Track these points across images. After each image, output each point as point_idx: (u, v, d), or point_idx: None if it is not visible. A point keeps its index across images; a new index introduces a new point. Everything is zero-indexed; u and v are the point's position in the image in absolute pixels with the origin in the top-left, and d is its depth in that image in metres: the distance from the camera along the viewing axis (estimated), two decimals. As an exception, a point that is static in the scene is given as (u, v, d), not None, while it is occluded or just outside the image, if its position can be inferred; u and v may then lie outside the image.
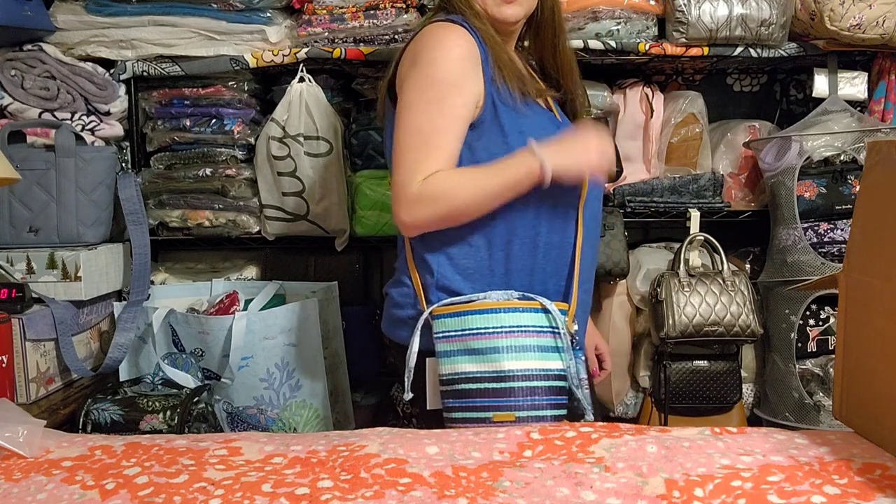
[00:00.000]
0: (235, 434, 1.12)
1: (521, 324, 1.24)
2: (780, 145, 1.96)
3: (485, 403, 1.23)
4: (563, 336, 1.25)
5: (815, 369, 1.98)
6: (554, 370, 1.25)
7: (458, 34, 1.29)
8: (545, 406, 1.23)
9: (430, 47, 1.27)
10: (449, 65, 1.26)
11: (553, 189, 1.24)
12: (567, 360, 1.25)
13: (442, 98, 1.25)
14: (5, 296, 1.59)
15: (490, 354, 1.23)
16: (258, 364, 1.79)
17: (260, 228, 2.03)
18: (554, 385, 1.25)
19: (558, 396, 1.25)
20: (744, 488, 0.89)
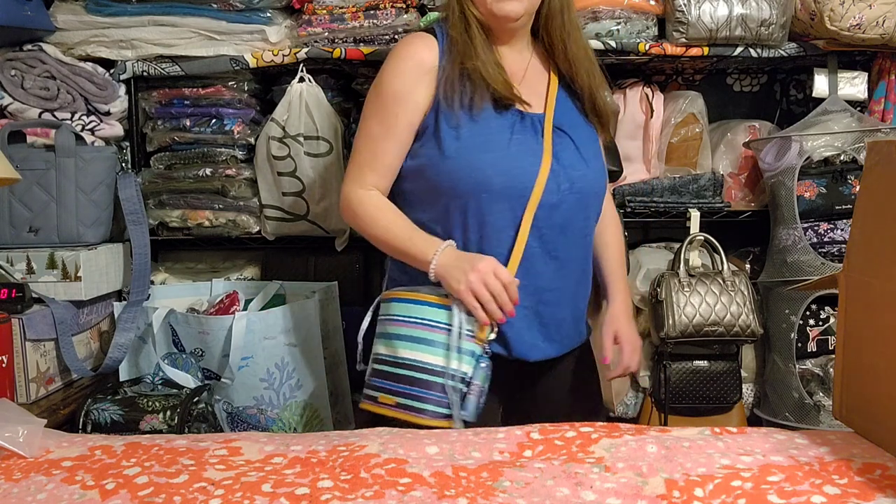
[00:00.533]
0: (235, 434, 1.12)
1: (425, 317, 1.28)
2: (780, 145, 1.96)
3: (377, 384, 1.32)
4: (455, 336, 1.26)
5: (815, 369, 1.98)
6: (438, 367, 1.26)
7: (413, 45, 1.36)
8: (425, 399, 1.26)
9: (386, 60, 1.38)
10: (394, 77, 1.35)
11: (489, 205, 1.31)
12: (452, 360, 1.26)
13: (386, 109, 1.35)
14: (5, 296, 1.59)
15: (394, 340, 1.30)
16: (258, 364, 1.79)
17: (260, 228, 2.03)
18: (435, 381, 1.26)
19: (440, 393, 1.26)
20: (744, 488, 0.89)
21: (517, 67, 1.40)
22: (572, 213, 1.36)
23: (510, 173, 1.30)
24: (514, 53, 1.42)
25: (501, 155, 1.30)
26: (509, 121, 1.33)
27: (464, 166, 1.30)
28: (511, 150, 1.31)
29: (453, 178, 1.30)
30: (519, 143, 1.32)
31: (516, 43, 1.41)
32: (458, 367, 1.26)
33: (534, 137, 1.34)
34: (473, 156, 1.29)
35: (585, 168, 1.37)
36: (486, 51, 1.34)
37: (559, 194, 1.33)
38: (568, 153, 1.35)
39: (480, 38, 1.34)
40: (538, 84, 1.42)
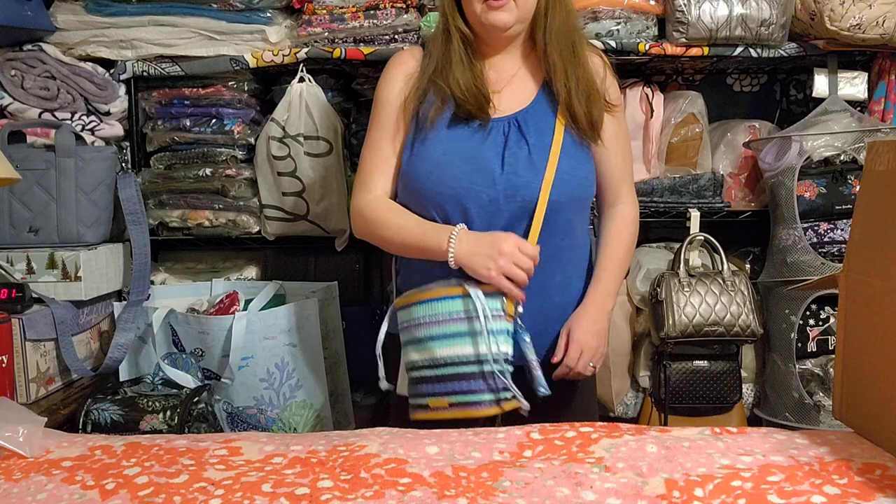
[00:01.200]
0: (235, 434, 1.12)
1: (448, 311, 1.27)
2: (780, 145, 1.96)
3: (424, 390, 1.30)
4: (482, 320, 1.25)
5: (815, 369, 1.98)
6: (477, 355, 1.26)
7: (399, 56, 1.45)
8: (475, 391, 1.26)
9: (382, 71, 1.45)
10: (385, 86, 1.42)
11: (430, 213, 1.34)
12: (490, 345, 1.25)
13: (383, 115, 1.41)
14: (5, 296, 1.59)
15: (426, 343, 1.29)
16: (258, 364, 1.79)
17: (260, 228, 2.03)
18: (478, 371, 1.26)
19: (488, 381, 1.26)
20: (744, 488, 0.89)
21: (506, 73, 1.41)
22: (515, 219, 1.33)
23: (442, 181, 1.32)
24: (505, 60, 1.42)
25: (436, 162, 1.33)
26: (461, 131, 1.35)
27: (408, 178, 1.36)
28: (446, 157, 1.33)
29: (406, 189, 1.37)
30: (459, 149, 1.33)
31: (510, 50, 1.42)
32: (496, 349, 1.25)
33: (480, 144, 1.35)
34: (416, 166, 1.35)
35: (533, 176, 1.33)
36: (463, 67, 1.36)
37: (497, 202, 1.32)
38: (516, 160, 1.33)
39: (460, 54, 1.36)
40: (524, 89, 1.41)
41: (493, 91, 1.37)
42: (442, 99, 1.36)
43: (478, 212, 1.32)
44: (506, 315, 1.28)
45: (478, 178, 1.32)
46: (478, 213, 1.32)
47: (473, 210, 1.32)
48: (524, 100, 1.39)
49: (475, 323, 1.26)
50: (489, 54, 1.41)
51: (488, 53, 1.41)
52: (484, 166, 1.33)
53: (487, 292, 1.27)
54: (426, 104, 1.37)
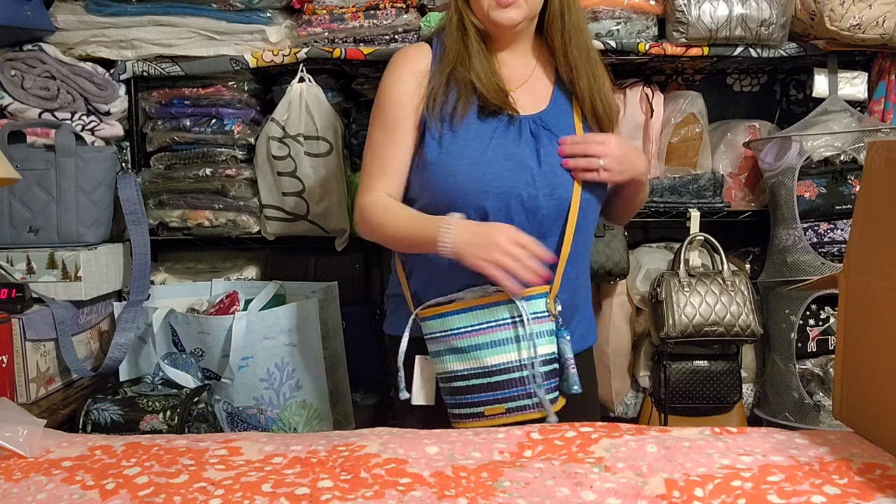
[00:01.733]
0: (235, 434, 1.12)
1: (497, 318, 1.29)
2: (780, 145, 1.96)
3: (476, 399, 1.30)
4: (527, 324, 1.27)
5: (815, 369, 1.98)
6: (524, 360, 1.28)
7: (406, 53, 1.41)
8: (531, 394, 1.28)
9: (386, 70, 1.42)
10: (391, 85, 1.39)
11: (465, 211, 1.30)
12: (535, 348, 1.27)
13: (386, 116, 1.38)
14: (5, 296, 1.59)
15: (473, 352, 1.29)
16: (258, 364, 1.79)
17: (260, 228, 2.03)
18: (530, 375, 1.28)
19: (546, 381, 1.29)
20: (744, 488, 0.89)
21: (520, 72, 1.41)
22: (553, 218, 1.34)
23: (481, 178, 1.29)
24: (517, 58, 1.41)
25: (475, 160, 1.31)
26: (492, 126, 1.34)
27: (441, 175, 1.31)
28: (486, 155, 1.31)
29: (432, 186, 1.32)
30: (497, 147, 1.32)
31: (518, 47, 1.41)
32: (543, 350, 1.28)
33: (516, 141, 1.34)
34: (449, 163, 1.31)
35: (568, 174, 1.34)
36: (482, 60, 1.35)
37: (536, 199, 1.32)
38: (553, 157, 1.34)
39: (477, 47, 1.35)
40: (542, 87, 1.42)
41: (509, 89, 1.36)
42: (466, 93, 1.34)
43: (517, 209, 1.31)
44: (549, 315, 1.30)
45: (519, 176, 1.31)
46: (517, 211, 1.31)
47: (514, 208, 1.31)
48: (542, 100, 1.40)
49: (520, 328, 1.28)
50: (499, 49, 1.41)
51: (499, 49, 1.41)
52: (524, 164, 1.32)
53: (529, 296, 1.28)
54: (450, 98, 1.34)
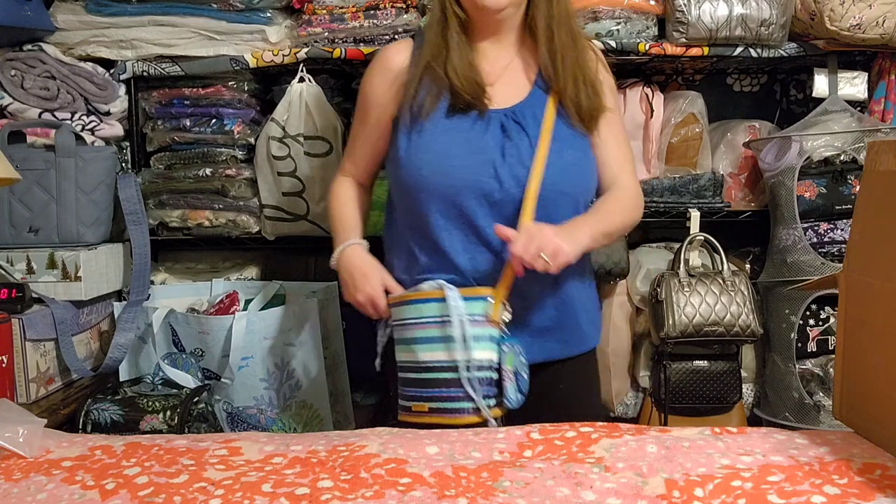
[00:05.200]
0: (235, 434, 1.12)
1: (432, 313, 1.26)
2: (780, 145, 1.96)
3: (408, 393, 1.30)
4: (458, 325, 1.23)
5: (815, 369, 1.98)
6: (457, 362, 1.23)
7: (384, 52, 1.44)
8: (456, 398, 1.23)
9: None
10: (365, 82, 1.44)
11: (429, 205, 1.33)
12: (469, 351, 1.22)
13: (360, 110, 1.46)
14: (5, 296, 1.59)
15: (410, 345, 1.29)
16: (258, 364, 1.79)
17: (260, 228, 2.03)
18: (458, 377, 1.23)
19: (467, 389, 1.23)
20: (744, 488, 0.89)
21: (499, 64, 1.38)
22: (519, 212, 1.30)
23: (447, 172, 1.30)
24: (500, 49, 1.39)
25: (440, 153, 1.31)
26: (462, 120, 1.33)
27: (409, 169, 1.33)
28: (452, 149, 1.31)
29: (402, 182, 1.35)
30: (464, 141, 1.31)
31: (503, 37, 1.38)
32: (478, 356, 1.23)
33: (482, 135, 1.32)
34: (417, 157, 1.32)
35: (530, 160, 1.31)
36: (461, 52, 1.33)
37: (502, 192, 1.30)
38: (518, 150, 1.31)
39: (458, 39, 1.34)
40: (518, 83, 1.39)
41: (487, 84, 1.34)
42: (438, 87, 1.33)
43: (482, 203, 1.30)
44: (488, 320, 1.25)
45: (482, 170, 1.30)
46: (482, 205, 1.30)
47: (480, 202, 1.30)
48: (519, 93, 1.37)
49: (449, 328, 1.24)
50: (482, 39, 1.38)
51: (481, 39, 1.38)
52: (487, 158, 1.31)
53: (469, 296, 1.25)
54: (420, 93, 1.34)
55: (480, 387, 1.23)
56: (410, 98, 1.35)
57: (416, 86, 1.35)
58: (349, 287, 1.39)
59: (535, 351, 1.35)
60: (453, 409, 1.23)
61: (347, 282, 1.40)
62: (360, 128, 1.46)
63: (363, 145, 1.47)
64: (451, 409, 1.23)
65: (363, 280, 1.37)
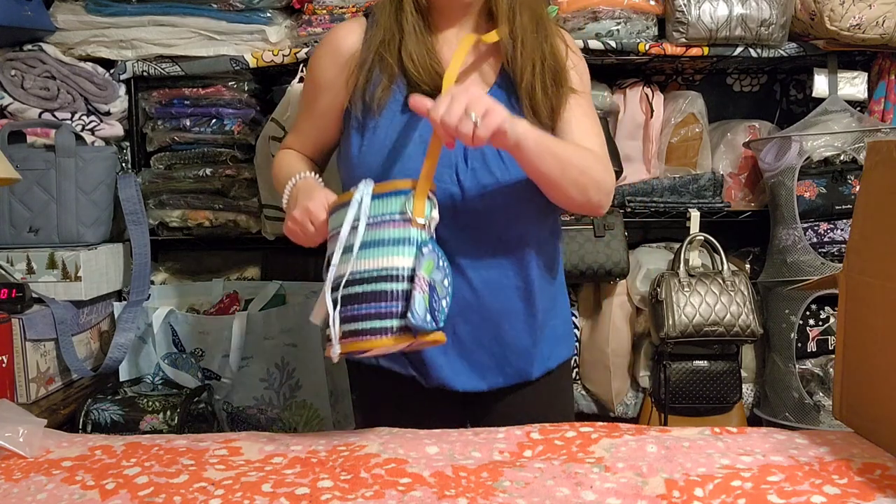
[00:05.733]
0: (235, 434, 1.12)
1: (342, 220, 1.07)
2: (779, 145, 1.96)
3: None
4: (361, 226, 1.04)
5: (815, 369, 1.98)
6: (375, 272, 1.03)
7: (335, 31, 1.27)
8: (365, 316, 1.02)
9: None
10: (313, 62, 1.28)
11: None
12: (370, 260, 1.03)
13: (307, 91, 1.31)
14: (5, 296, 1.59)
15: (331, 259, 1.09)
16: (258, 364, 1.79)
17: (260, 228, 2.03)
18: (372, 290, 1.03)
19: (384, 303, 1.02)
20: (744, 488, 0.89)
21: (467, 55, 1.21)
22: (479, 218, 1.17)
23: (400, 173, 1.15)
24: (459, 37, 1.21)
25: (394, 156, 1.17)
26: (418, 116, 1.14)
27: (361, 172, 1.16)
28: (407, 150, 1.16)
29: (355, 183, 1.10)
30: (420, 140, 1.16)
31: (464, 24, 1.22)
32: (384, 262, 1.02)
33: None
34: (369, 159, 1.19)
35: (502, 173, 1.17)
36: (418, 37, 1.18)
37: (464, 202, 1.16)
38: (483, 154, 1.17)
39: (413, 23, 1.18)
40: (487, 70, 1.23)
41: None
42: (389, 77, 1.17)
43: (443, 211, 1.11)
44: (405, 219, 1.03)
45: (443, 176, 1.14)
46: (443, 213, 1.11)
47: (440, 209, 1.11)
48: (484, 86, 1.22)
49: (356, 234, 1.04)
50: (442, 27, 1.22)
51: (441, 26, 1.22)
52: (448, 161, 1.15)
53: (383, 192, 1.05)
54: (372, 82, 1.19)
55: (392, 301, 1.01)
56: (362, 87, 1.19)
57: (367, 73, 1.19)
58: (289, 210, 1.16)
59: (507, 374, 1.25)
60: (362, 331, 1.01)
61: (289, 206, 1.17)
62: (308, 114, 1.31)
63: (309, 130, 1.31)
64: (360, 331, 1.01)
65: (305, 197, 1.14)
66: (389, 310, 1.01)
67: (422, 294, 1.00)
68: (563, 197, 1.16)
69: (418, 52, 1.17)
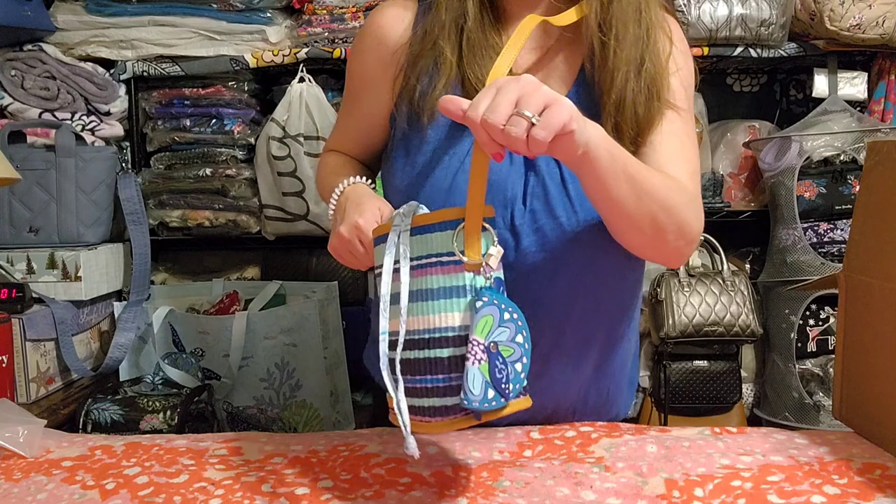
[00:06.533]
0: (235, 434, 1.12)
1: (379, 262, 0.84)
2: (779, 145, 1.96)
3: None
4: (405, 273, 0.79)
5: (814, 369, 1.98)
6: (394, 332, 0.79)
7: (381, 13, 1.03)
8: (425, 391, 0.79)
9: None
10: (355, 53, 1.07)
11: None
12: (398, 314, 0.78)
13: (349, 87, 1.10)
14: (5, 296, 1.59)
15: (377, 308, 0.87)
16: (258, 364, 1.79)
17: (260, 228, 2.03)
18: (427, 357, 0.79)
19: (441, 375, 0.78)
20: (744, 488, 0.88)
21: (536, 44, 0.99)
22: (533, 278, 0.96)
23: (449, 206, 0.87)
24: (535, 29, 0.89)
25: (441, 187, 0.95)
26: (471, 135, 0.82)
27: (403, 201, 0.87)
28: (456, 182, 0.94)
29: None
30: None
31: (542, 11, 0.95)
32: (433, 322, 0.77)
33: (502, 164, 0.94)
34: (417, 191, 0.97)
35: (568, 216, 0.94)
36: (482, 31, 0.96)
37: (518, 252, 0.95)
38: (546, 192, 0.95)
39: (476, 13, 0.95)
40: (563, 70, 0.99)
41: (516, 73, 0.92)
42: (446, 79, 0.95)
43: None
44: (461, 264, 0.77)
45: (497, 213, 0.92)
46: None
47: None
48: (557, 89, 0.90)
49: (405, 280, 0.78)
50: (514, 14, 0.98)
51: (513, 13, 0.98)
52: (505, 196, 0.94)
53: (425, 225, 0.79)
54: (422, 82, 0.97)
55: (441, 374, 0.77)
56: (411, 91, 0.98)
57: (415, 72, 0.98)
58: (335, 225, 0.94)
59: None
60: (420, 409, 0.79)
61: (335, 219, 0.96)
62: (350, 113, 1.11)
63: (355, 136, 1.11)
64: (419, 409, 0.79)
65: (354, 210, 0.91)
66: (443, 384, 0.77)
67: (477, 365, 0.74)
68: (632, 235, 0.93)
69: (480, 44, 0.94)
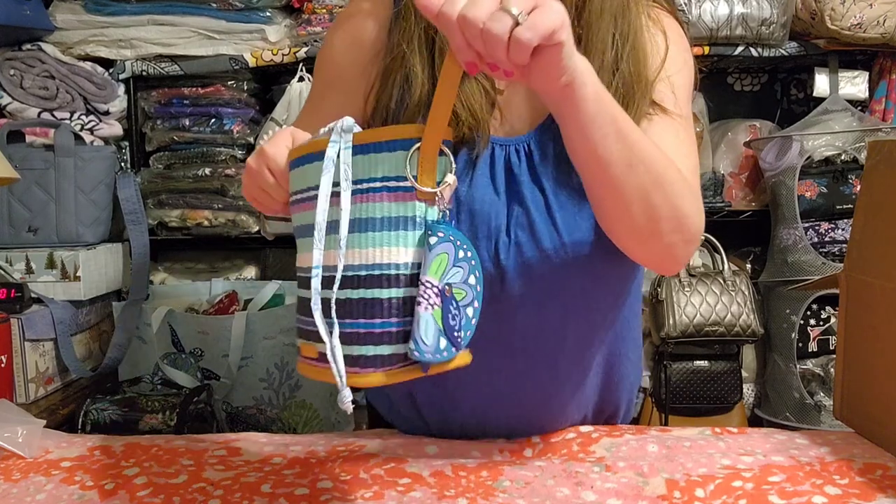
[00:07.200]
0: (235, 434, 1.12)
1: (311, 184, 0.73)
2: (780, 145, 1.96)
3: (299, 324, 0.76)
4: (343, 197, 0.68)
5: (815, 369, 1.97)
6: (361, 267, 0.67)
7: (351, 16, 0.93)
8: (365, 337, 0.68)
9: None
10: (327, 44, 0.95)
11: None
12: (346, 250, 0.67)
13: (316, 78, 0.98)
14: (4, 296, 1.59)
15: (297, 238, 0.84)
16: (258, 364, 1.78)
17: (260, 228, 2.03)
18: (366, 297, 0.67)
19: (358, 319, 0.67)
20: (745, 488, 0.88)
21: None
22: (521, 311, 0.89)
23: None
24: None
25: None
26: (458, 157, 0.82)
27: None
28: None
29: None
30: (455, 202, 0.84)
31: None
32: (376, 256, 0.66)
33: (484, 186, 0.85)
34: None
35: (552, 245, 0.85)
36: None
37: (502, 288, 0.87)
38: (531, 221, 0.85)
39: None
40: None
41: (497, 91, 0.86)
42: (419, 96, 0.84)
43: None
44: (413, 191, 0.66)
45: (480, 245, 0.85)
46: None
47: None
48: (537, 110, 0.87)
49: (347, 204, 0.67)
50: None
51: None
52: (488, 227, 0.85)
53: (368, 144, 0.66)
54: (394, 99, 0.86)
55: (385, 317, 0.66)
56: (383, 109, 0.88)
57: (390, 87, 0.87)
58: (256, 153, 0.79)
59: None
60: (355, 359, 0.68)
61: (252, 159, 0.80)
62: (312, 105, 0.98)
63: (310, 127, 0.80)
64: (354, 358, 0.68)
65: (267, 142, 0.78)
66: (380, 330, 0.66)
67: (430, 311, 0.65)
68: (621, 219, 0.80)
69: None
